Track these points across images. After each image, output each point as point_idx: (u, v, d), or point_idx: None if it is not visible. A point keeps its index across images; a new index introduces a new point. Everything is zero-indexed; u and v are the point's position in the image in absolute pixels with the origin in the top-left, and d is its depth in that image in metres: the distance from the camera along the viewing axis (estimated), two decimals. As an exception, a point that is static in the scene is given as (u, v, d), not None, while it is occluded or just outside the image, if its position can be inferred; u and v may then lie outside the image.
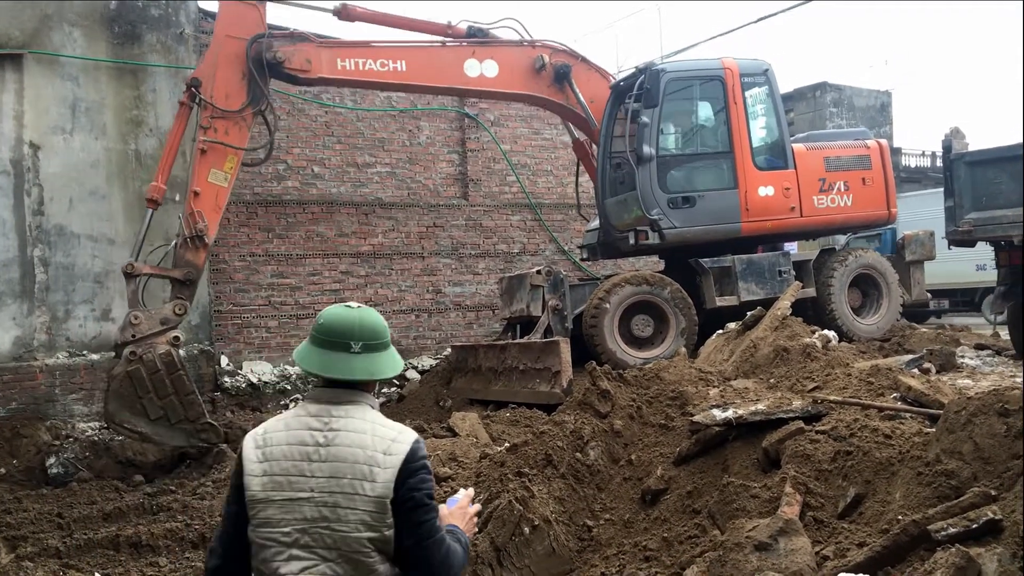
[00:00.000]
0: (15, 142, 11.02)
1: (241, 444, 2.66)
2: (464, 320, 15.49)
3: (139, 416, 9.19)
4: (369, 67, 11.13)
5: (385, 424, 2.64)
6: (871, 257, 12.33)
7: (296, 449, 2.55)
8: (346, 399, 2.64)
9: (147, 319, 9.37)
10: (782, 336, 8.15)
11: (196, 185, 9.93)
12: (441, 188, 15.55)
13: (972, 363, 9.15)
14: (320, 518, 2.49)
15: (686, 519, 5.28)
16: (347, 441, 2.55)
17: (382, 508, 2.49)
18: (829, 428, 5.15)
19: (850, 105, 25.67)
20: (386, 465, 2.52)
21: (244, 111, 10.27)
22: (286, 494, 2.52)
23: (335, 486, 2.50)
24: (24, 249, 11.03)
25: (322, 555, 2.49)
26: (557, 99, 12.21)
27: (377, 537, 2.50)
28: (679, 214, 11.22)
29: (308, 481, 2.51)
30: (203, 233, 9.83)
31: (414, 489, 2.54)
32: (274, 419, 2.70)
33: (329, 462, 2.52)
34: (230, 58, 10.28)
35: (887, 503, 4.40)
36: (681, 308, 10.96)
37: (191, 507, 7.89)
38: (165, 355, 9.26)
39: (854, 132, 13.60)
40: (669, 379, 6.87)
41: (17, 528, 7.50)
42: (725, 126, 11.59)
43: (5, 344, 10.92)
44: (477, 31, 11.95)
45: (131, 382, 9.16)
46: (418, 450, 2.59)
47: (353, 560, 2.49)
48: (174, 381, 9.30)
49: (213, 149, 10.04)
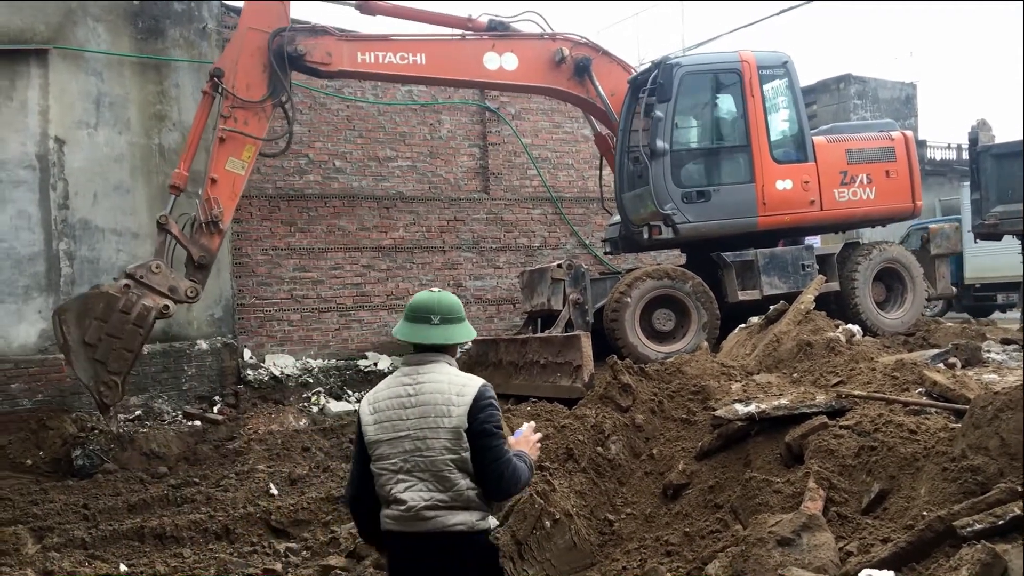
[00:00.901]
0: (40, 137, 11.12)
1: (359, 406, 3.58)
2: (485, 314, 15.49)
3: (79, 329, 9.35)
4: (389, 60, 11.18)
5: (458, 374, 3.46)
6: (896, 251, 12.20)
7: (395, 401, 3.41)
8: (428, 360, 3.47)
9: (163, 276, 9.71)
10: (805, 330, 8.08)
11: (214, 172, 10.16)
12: (462, 182, 15.56)
13: (998, 358, 9.04)
14: (415, 449, 3.32)
15: (708, 514, 5.26)
16: (429, 390, 3.37)
17: (458, 436, 3.29)
18: (853, 423, 5.11)
19: (874, 97, 25.42)
20: (459, 404, 3.32)
21: (264, 102, 10.47)
22: (391, 435, 3.36)
23: (423, 424, 3.33)
24: (49, 243, 11.15)
25: (419, 476, 3.32)
26: (577, 92, 12.17)
27: (456, 458, 3.30)
28: (693, 209, 11.15)
29: (405, 423, 3.35)
30: (218, 219, 10.07)
31: (483, 421, 3.32)
32: (376, 387, 3.58)
33: (418, 407, 3.36)
34: (252, 50, 10.45)
35: (912, 499, 4.35)
36: (703, 302, 10.90)
37: (215, 499, 7.96)
38: (143, 309, 9.53)
39: (881, 124, 13.37)
40: (691, 373, 6.83)
41: (43, 519, 7.60)
42: (742, 119, 11.47)
43: (31, 337, 11.04)
44: (498, 24, 11.95)
45: (101, 301, 9.46)
46: (485, 392, 3.37)
47: (440, 477, 3.30)
48: (129, 332, 9.47)
49: (232, 138, 10.24)
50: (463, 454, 3.30)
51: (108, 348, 9.43)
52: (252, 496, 7.95)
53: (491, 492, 3.38)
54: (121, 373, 9.53)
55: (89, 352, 9.41)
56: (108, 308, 9.46)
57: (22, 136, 11.03)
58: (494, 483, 3.34)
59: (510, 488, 3.40)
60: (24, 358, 10.92)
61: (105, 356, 9.43)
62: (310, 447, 9.83)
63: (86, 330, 9.35)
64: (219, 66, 10.37)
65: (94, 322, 9.37)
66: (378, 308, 14.52)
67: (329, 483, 8.09)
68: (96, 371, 9.43)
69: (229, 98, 10.28)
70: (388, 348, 14.45)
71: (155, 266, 9.68)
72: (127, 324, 9.47)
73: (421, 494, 3.30)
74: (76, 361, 9.43)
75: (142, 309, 9.53)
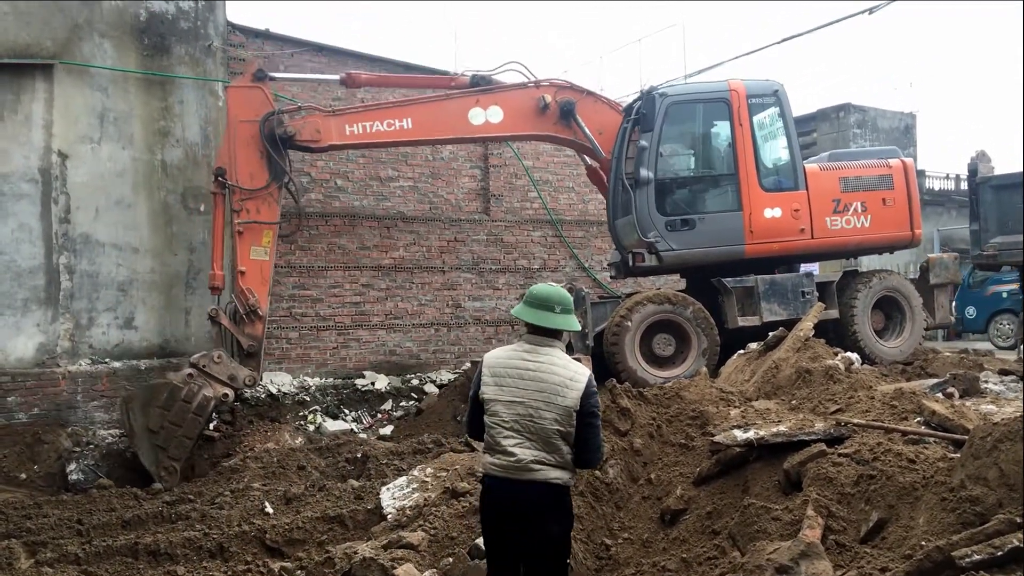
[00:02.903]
0: (43, 151, 11.16)
1: (480, 365, 4.36)
2: (483, 335, 15.48)
3: (144, 416, 9.97)
4: (376, 128, 11.59)
5: (570, 361, 4.25)
6: (895, 280, 12.22)
7: (514, 371, 4.20)
8: (547, 343, 4.25)
9: (223, 365, 10.46)
10: (804, 357, 8.09)
11: (241, 264, 10.86)
12: (463, 203, 15.59)
13: (996, 388, 9.03)
14: (527, 415, 4.14)
15: (706, 540, 5.24)
16: (546, 369, 4.16)
17: (568, 414, 4.12)
18: (852, 451, 5.10)
19: (874, 126, 25.55)
20: (573, 388, 4.12)
21: (269, 187, 11.01)
22: (507, 398, 4.18)
23: (538, 396, 4.13)
24: (50, 256, 11.15)
25: (528, 437, 4.14)
26: (564, 135, 12.33)
27: (563, 431, 4.13)
28: (678, 236, 11.21)
29: (522, 392, 4.16)
30: (256, 307, 10.79)
31: (591, 405, 4.17)
32: (496, 352, 4.36)
33: (535, 380, 4.15)
34: (246, 141, 10.98)
35: (910, 528, 4.35)
36: (703, 328, 10.92)
37: (209, 516, 7.92)
38: (204, 400, 10.20)
39: (883, 151, 13.36)
40: (690, 398, 6.83)
41: (37, 533, 7.56)
42: (730, 148, 11.54)
43: (29, 350, 11.02)
44: (480, 79, 12.21)
45: (165, 391, 10.10)
46: (592, 381, 4.19)
47: (547, 441, 4.13)
48: (189, 420, 10.12)
49: (249, 228, 10.90)
50: (569, 428, 4.12)
51: (170, 435, 10.02)
52: (247, 514, 7.90)
53: (587, 460, 4.24)
54: (180, 459, 10.10)
55: (152, 438, 9.99)
56: (171, 397, 10.07)
57: (25, 149, 11.07)
58: (592, 453, 4.22)
59: (599, 459, 4.37)
60: (21, 371, 10.90)
61: (166, 442, 10.02)
62: (306, 466, 9.79)
63: (150, 417, 9.96)
64: (220, 165, 10.92)
65: (157, 410, 9.99)
66: (376, 327, 14.50)
67: (325, 502, 8.04)
68: (157, 456, 9.99)
69: (237, 192, 10.85)
70: (386, 368, 14.42)
71: (216, 356, 10.40)
72: (188, 413, 10.11)
73: (530, 451, 4.12)
74: (139, 446, 9.98)
75: (202, 399, 10.19)
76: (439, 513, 6.53)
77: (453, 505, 6.64)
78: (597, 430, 4.20)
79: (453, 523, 6.36)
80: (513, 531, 4.21)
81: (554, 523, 4.20)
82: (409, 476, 7.81)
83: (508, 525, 4.23)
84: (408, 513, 6.88)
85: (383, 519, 7.16)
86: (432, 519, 6.47)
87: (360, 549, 6.07)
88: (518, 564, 4.25)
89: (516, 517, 4.17)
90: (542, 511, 4.14)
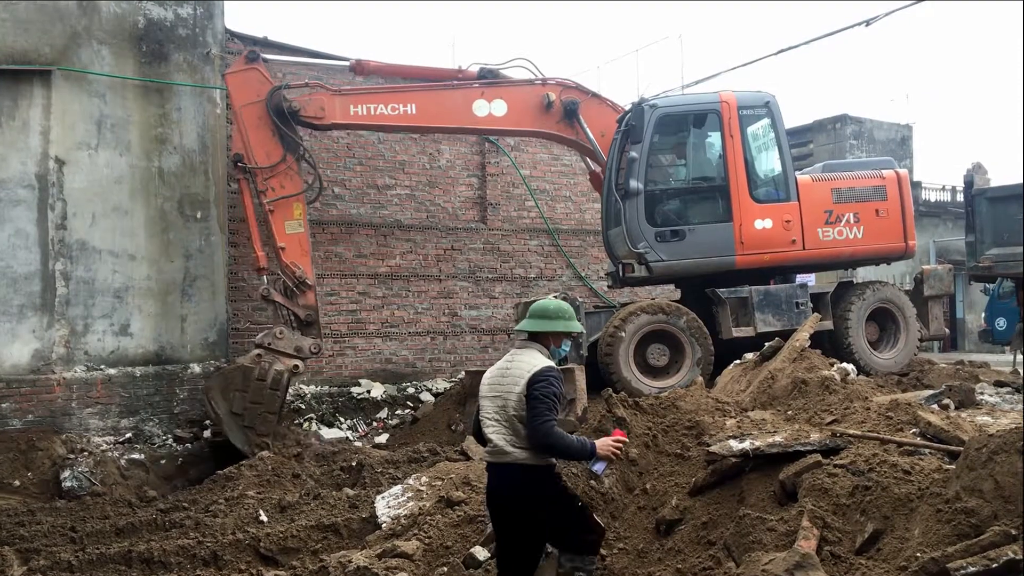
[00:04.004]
0: (41, 157, 11.16)
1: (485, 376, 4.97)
2: (479, 343, 15.47)
3: (226, 401, 10.50)
4: (380, 111, 11.72)
5: (536, 358, 4.78)
6: (889, 291, 12.23)
7: (497, 371, 4.91)
8: (527, 345, 4.90)
9: (287, 339, 10.92)
10: (800, 368, 8.10)
11: (280, 241, 11.18)
12: (460, 211, 15.61)
13: (992, 400, 9.04)
14: (501, 405, 4.74)
15: (701, 551, 5.23)
16: (517, 366, 4.78)
17: (521, 400, 4.66)
18: (848, 462, 5.10)
19: (870, 138, 25.61)
20: (526, 377, 4.67)
21: (287, 160, 11.24)
22: (489, 393, 4.84)
23: (507, 388, 4.73)
24: (46, 263, 11.14)
25: (501, 424, 4.73)
26: (567, 135, 12.39)
27: (519, 415, 4.66)
28: (667, 247, 11.23)
29: (497, 387, 4.80)
30: (303, 278, 11.17)
31: (535, 390, 4.62)
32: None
33: (508, 376, 4.79)
34: (255, 122, 11.20)
35: (906, 540, 4.35)
36: (697, 338, 10.93)
37: (203, 524, 7.90)
38: (277, 374, 10.73)
39: (879, 161, 13.36)
40: (685, 408, 6.83)
41: (30, 541, 7.54)
42: (720, 159, 11.56)
43: (24, 357, 11.00)
44: (487, 73, 12.30)
45: (240, 374, 10.66)
46: (544, 372, 4.66)
47: (514, 427, 4.68)
48: (268, 396, 10.66)
49: (279, 205, 11.20)
50: (523, 413, 4.64)
51: (253, 414, 10.57)
52: (241, 522, 7.88)
53: (527, 437, 4.63)
54: (268, 434, 10.60)
55: (238, 420, 10.54)
56: (246, 379, 10.63)
57: (23, 155, 11.06)
58: (528, 430, 4.61)
59: (538, 437, 4.58)
60: (16, 378, 10.87)
61: (252, 421, 10.56)
62: (301, 474, 9.77)
63: (232, 402, 10.51)
64: (236, 152, 11.20)
65: (237, 394, 10.54)
66: (372, 335, 14.49)
67: (319, 511, 8.03)
68: (248, 437, 10.50)
69: (258, 174, 11.08)
70: (382, 376, 14.41)
71: (278, 332, 10.87)
72: (265, 390, 10.65)
73: (503, 437, 4.70)
74: (229, 431, 10.48)
75: (276, 374, 10.72)
76: (434, 522, 6.52)
77: (448, 514, 6.63)
78: (536, 411, 4.59)
79: (448, 532, 6.35)
80: (498, 511, 4.86)
81: (528, 501, 4.68)
82: (404, 485, 7.80)
83: (494, 505, 4.87)
84: (403, 522, 6.87)
85: (378, 528, 7.15)
86: (427, 528, 6.46)
87: (354, 558, 6.06)
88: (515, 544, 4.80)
89: (498, 498, 4.81)
90: (515, 490, 4.70)
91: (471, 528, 6.24)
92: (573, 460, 4.89)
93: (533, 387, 4.63)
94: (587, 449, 4.69)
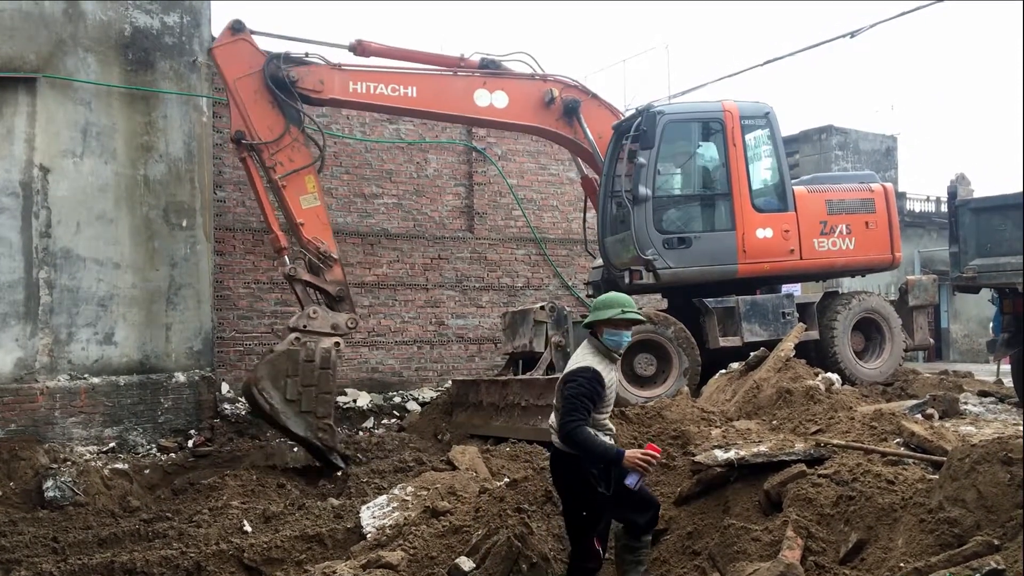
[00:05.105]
0: (25, 164, 11.09)
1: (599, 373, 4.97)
2: (466, 352, 15.46)
3: (278, 390, 9.97)
4: (380, 91, 11.39)
5: (580, 356, 5.07)
6: (875, 301, 12.30)
7: None
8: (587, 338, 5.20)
9: (321, 318, 10.35)
10: (785, 378, 8.12)
11: (298, 217, 10.66)
12: (447, 220, 15.61)
13: (975, 410, 9.12)
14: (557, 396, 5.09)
15: (686, 560, 5.24)
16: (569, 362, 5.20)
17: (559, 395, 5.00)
18: (832, 472, 5.12)
19: (856, 149, 25.73)
20: (563, 376, 5.06)
21: (291, 131, 10.75)
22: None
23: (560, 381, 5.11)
24: (30, 271, 11.07)
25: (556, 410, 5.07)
26: (565, 133, 12.31)
27: (559, 407, 4.99)
28: (674, 255, 11.22)
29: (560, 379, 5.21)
30: (327, 252, 10.66)
31: (565, 390, 4.91)
32: None
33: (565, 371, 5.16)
34: (252, 96, 10.72)
35: (889, 550, 4.36)
36: (684, 347, 10.94)
37: (187, 534, 7.83)
38: (325, 351, 10.21)
39: (860, 175, 13.57)
40: (671, 418, 6.84)
41: (11, 551, 7.45)
42: (724, 168, 11.59)
43: (7, 365, 10.91)
44: (490, 63, 12.11)
45: (287, 359, 10.07)
46: (578, 372, 4.92)
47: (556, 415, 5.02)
48: (320, 376, 10.16)
49: (291, 180, 10.67)
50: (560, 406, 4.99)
51: (309, 396, 10.10)
52: (225, 533, 7.82)
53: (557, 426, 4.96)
54: (329, 415, 10.19)
55: (295, 407, 10.04)
56: (294, 363, 10.07)
57: (7, 163, 10.99)
58: (558, 426, 4.92)
59: (561, 431, 4.86)
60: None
61: (311, 406, 10.09)
62: (285, 484, 9.71)
63: (285, 389, 9.98)
64: (237, 129, 10.63)
65: (288, 380, 10.01)
66: (359, 344, 14.45)
67: (304, 521, 7.98)
68: (308, 422, 10.05)
69: (263, 149, 10.61)
70: (368, 385, 14.37)
71: (312, 312, 10.30)
72: (316, 370, 10.14)
73: (552, 423, 5.10)
74: (288, 420, 9.99)
75: (323, 352, 10.21)
76: (419, 532, 6.49)
77: (433, 524, 6.60)
78: (564, 408, 4.87)
79: (433, 543, 6.32)
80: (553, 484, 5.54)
81: (563, 480, 5.14)
82: (389, 495, 7.77)
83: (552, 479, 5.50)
84: (388, 532, 6.84)
85: (362, 538, 7.11)
86: (412, 539, 6.43)
87: (339, 569, 6.02)
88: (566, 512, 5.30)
89: (550, 473, 5.44)
90: (555, 469, 5.21)
91: (456, 538, 6.21)
92: (596, 462, 4.80)
93: (565, 386, 4.95)
94: (610, 454, 4.75)
